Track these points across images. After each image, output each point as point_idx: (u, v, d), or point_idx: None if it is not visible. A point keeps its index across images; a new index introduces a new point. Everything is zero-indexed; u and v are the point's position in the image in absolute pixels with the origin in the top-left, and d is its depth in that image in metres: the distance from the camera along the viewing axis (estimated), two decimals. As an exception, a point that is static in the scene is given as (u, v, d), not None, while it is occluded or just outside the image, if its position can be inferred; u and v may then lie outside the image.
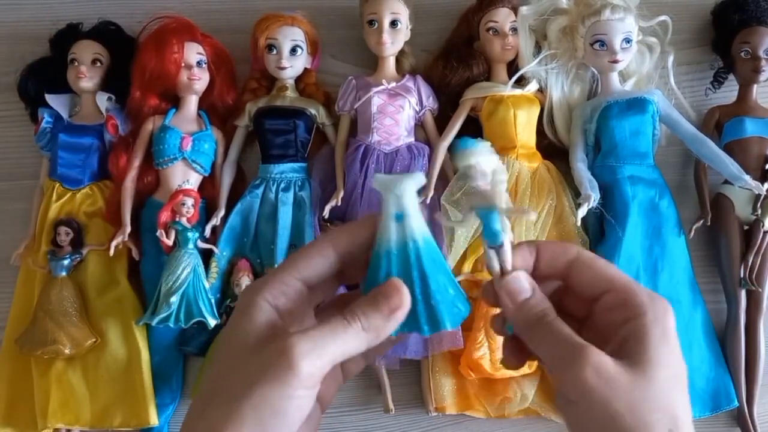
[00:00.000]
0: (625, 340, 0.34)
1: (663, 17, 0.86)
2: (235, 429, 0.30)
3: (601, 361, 0.32)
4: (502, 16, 0.85)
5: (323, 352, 0.31)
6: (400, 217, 0.34)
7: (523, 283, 0.36)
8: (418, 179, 0.34)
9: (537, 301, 0.36)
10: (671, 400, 0.33)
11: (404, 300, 0.33)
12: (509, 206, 0.35)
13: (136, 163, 0.85)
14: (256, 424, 0.30)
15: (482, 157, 0.36)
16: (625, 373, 0.32)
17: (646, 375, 0.32)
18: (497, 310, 0.38)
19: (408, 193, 0.34)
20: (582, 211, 0.78)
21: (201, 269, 0.80)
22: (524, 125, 0.84)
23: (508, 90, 0.84)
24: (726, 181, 0.84)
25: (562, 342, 0.34)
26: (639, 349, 0.33)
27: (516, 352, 0.39)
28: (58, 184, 0.85)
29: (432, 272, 0.35)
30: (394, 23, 0.85)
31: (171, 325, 0.76)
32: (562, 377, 0.34)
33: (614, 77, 0.85)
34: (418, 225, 0.35)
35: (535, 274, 0.37)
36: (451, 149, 0.84)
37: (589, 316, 0.37)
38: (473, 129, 0.87)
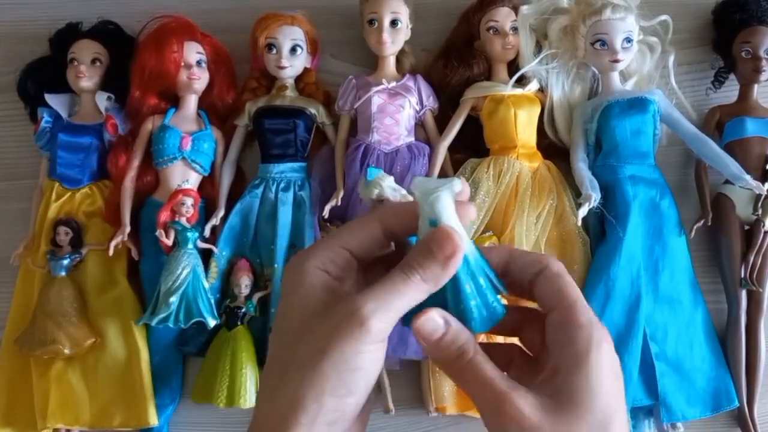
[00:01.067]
0: (557, 370, 0.33)
1: (664, 17, 0.86)
2: (320, 387, 0.31)
3: (522, 412, 0.31)
4: (503, 16, 0.85)
5: (389, 308, 0.32)
6: (435, 224, 0.34)
7: (435, 321, 0.34)
8: (453, 186, 0.34)
9: (452, 337, 0.34)
10: None
11: (457, 245, 0.33)
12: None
13: (136, 162, 0.85)
14: (338, 380, 0.31)
15: (385, 181, 0.38)
16: (549, 419, 0.31)
17: (571, 420, 0.31)
18: None
19: (441, 200, 0.34)
20: (583, 211, 0.77)
21: (200, 269, 0.80)
22: (525, 125, 0.84)
23: (509, 89, 0.84)
24: (727, 181, 0.84)
25: (482, 387, 0.33)
26: (567, 387, 0.32)
27: None
28: (57, 184, 0.85)
29: (466, 276, 0.34)
30: (394, 22, 0.85)
31: (170, 325, 0.76)
32: (487, 424, 0.33)
33: (615, 77, 0.85)
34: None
35: (506, 280, 0.37)
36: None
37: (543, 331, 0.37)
38: (473, 128, 0.87)
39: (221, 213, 0.84)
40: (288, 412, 0.31)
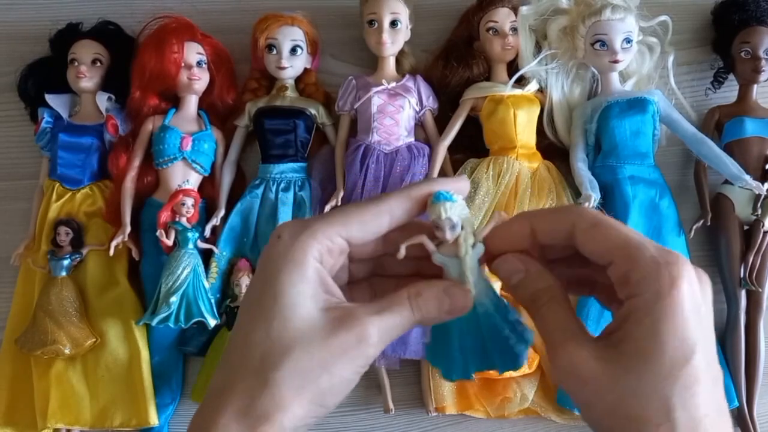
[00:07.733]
0: (623, 321, 0.30)
1: (663, 17, 0.86)
2: (313, 398, 0.31)
3: (573, 362, 0.30)
4: (502, 16, 0.85)
5: (390, 336, 0.33)
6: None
7: (513, 264, 0.34)
8: (479, 249, 0.35)
9: (531, 281, 0.34)
10: (663, 393, 0.28)
11: (469, 305, 0.34)
12: (473, 262, 0.35)
13: (136, 163, 0.85)
14: (332, 396, 0.32)
15: (447, 212, 0.34)
16: (608, 371, 0.29)
17: (630, 370, 0.29)
18: None
19: (474, 263, 0.35)
20: (582, 211, 0.77)
21: (201, 269, 0.80)
22: (524, 125, 0.84)
23: (508, 90, 0.84)
24: (726, 181, 0.84)
25: (547, 334, 0.32)
26: (629, 338, 0.29)
27: None
28: (58, 184, 0.85)
29: (492, 327, 0.35)
30: (394, 23, 0.85)
31: (171, 325, 0.76)
32: (551, 379, 0.34)
33: (614, 77, 0.85)
34: (482, 288, 0.35)
35: (541, 249, 0.35)
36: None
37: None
38: (473, 129, 0.87)
39: (221, 213, 0.84)
40: (271, 411, 0.31)
